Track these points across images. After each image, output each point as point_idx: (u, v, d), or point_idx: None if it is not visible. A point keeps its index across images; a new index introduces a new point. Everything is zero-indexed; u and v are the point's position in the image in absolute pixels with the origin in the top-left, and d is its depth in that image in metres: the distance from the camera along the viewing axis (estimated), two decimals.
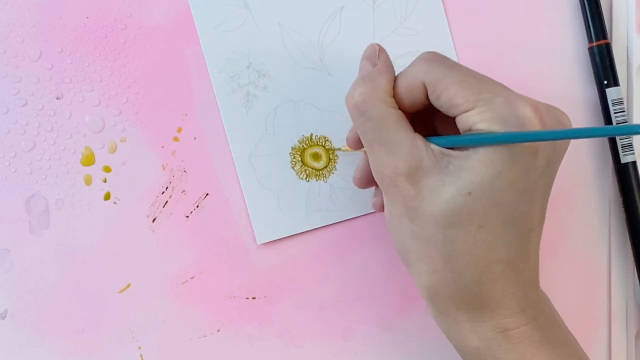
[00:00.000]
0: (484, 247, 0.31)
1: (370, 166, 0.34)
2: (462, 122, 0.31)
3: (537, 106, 0.30)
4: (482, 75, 0.33)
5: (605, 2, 0.43)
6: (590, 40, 0.42)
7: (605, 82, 0.42)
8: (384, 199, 0.34)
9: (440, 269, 0.32)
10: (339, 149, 0.41)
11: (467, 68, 0.33)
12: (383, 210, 0.36)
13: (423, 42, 0.42)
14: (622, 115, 0.41)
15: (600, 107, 0.42)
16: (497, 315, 0.32)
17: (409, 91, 0.33)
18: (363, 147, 0.36)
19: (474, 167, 0.30)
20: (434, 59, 0.33)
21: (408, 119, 0.33)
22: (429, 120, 0.36)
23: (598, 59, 0.42)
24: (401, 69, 0.42)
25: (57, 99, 0.40)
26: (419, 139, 0.32)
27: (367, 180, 0.37)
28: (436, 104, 0.32)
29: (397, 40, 0.42)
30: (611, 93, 0.42)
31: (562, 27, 0.43)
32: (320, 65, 0.41)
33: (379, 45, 0.35)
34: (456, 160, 0.31)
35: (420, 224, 0.32)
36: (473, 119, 0.31)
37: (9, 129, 0.39)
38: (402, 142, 0.32)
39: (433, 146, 0.32)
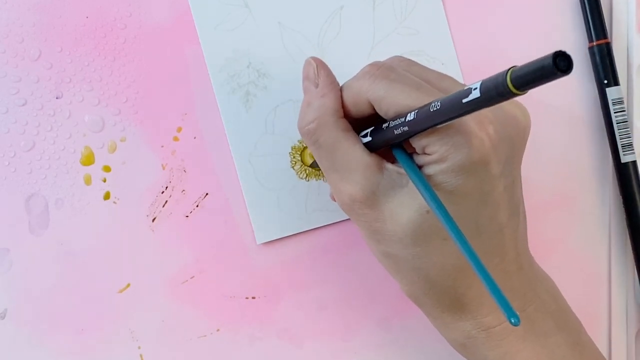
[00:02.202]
0: (452, 257, 0.31)
1: (332, 191, 0.34)
2: (414, 142, 0.31)
3: (481, 118, 0.30)
4: (431, 82, 0.32)
5: (605, 1, 0.43)
6: (590, 40, 0.42)
7: (606, 81, 0.42)
8: (353, 221, 0.34)
9: (415, 281, 0.33)
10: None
11: (413, 76, 0.32)
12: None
13: (423, 42, 0.42)
14: (622, 115, 0.41)
15: (600, 107, 0.42)
16: (478, 314, 0.33)
17: (356, 106, 0.33)
18: None
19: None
20: (377, 73, 0.32)
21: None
22: None
23: (598, 59, 0.42)
24: None
25: (56, 98, 0.39)
26: (374, 161, 0.32)
27: None
28: (387, 118, 0.32)
29: (397, 40, 0.42)
30: (611, 92, 0.42)
31: (562, 27, 0.43)
32: None
33: (315, 60, 0.35)
34: None
35: (387, 244, 0.32)
36: (423, 142, 0.30)
37: (8, 129, 0.39)
38: (356, 168, 0.32)
39: (389, 166, 0.32)
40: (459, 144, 0.29)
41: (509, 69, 0.24)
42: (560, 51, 0.22)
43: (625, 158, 0.42)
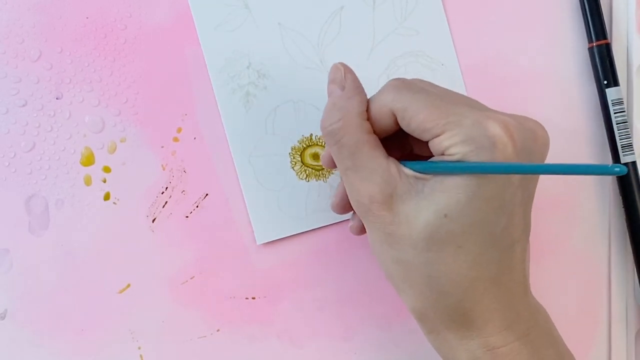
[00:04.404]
0: (465, 267, 0.31)
1: (347, 193, 0.34)
2: (434, 146, 0.31)
3: (507, 124, 0.30)
4: (452, 96, 0.33)
5: (605, 2, 0.43)
6: (590, 41, 0.42)
7: (605, 82, 0.42)
8: (365, 225, 0.34)
9: (424, 290, 0.32)
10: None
11: (437, 89, 0.33)
12: (360, 234, 0.37)
13: (423, 42, 0.42)
14: (622, 116, 0.41)
15: (600, 107, 0.42)
16: (484, 333, 0.32)
17: (379, 119, 0.33)
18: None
19: (449, 189, 0.30)
20: (401, 85, 0.33)
21: (382, 141, 0.33)
22: (404, 140, 0.36)
23: (598, 59, 0.42)
24: (401, 69, 0.42)
25: (56, 99, 0.40)
26: (392, 165, 0.32)
27: (345, 206, 0.37)
28: (407, 130, 0.32)
29: (397, 40, 0.42)
30: (611, 93, 0.42)
31: (562, 27, 0.43)
32: (320, 65, 0.41)
33: (343, 65, 0.35)
34: (430, 183, 0.31)
35: (399, 249, 0.32)
36: (444, 144, 0.30)
37: (8, 129, 0.39)
38: (376, 169, 0.32)
39: (407, 171, 0.32)
40: (483, 145, 0.29)
41: None
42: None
43: (625, 159, 0.42)
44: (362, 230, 0.37)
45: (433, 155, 0.32)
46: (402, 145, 0.36)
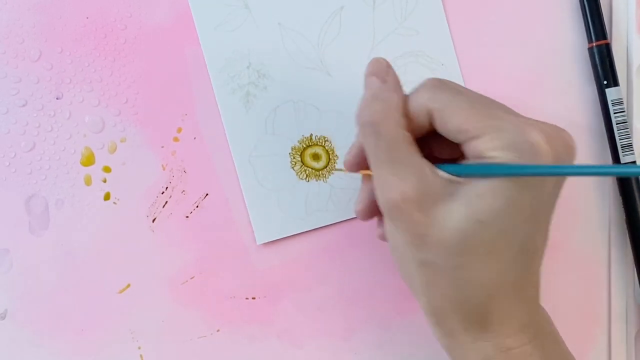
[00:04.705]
0: (493, 273, 0.31)
1: (376, 189, 0.33)
2: (471, 149, 0.31)
3: (546, 132, 0.30)
4: (488, 99, 0.32)
5: (605, 2, 0.43)
6: (590, 41, 0.42)
7: (605, 82, 0.42)
8: (388, 226, 0.33)
9: (447, 292, 0.32)
10: (340, 170, 0.41)
11: (473, 92, 0.32)
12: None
13: (423, 42, 0.42)
14: (622, 116, 0.41)
15: (600, 107, 0.42)
16: (499, 334, 0.32)
17: (415, 118, 0.32)
18: (359, 169, 0.36)
19: (485, 195, 0.30)
20: (439, 85, 0.32)
21: None
22: (424, 143, 0.35)
23: (598, 59, 0.42)
24: (401, 70, 0.42)
25: (57, 99, 0.40)
26: (426, 165, 0.32)
27: (372, 211, 0.36)
28: (442, 130, 0.32)
29: (397, 40, 0.42)
30: (611, 93, 0.42)
31: (562, 27, 0.43)
32: (320, 65, 0.41)
33: (386, 60, 0.35)
34: (464, 187, 0.30)
35: (427, 251, 0.31)
36: (483, 147, 0.30)
37: (8, 129, 0.39)
38: (412, 167, 0.31)
39: (441, 172, 0.32)
40: (526, 152, 0.29)
41: None
42: None
43: (625, 159, 0.42)
44: None
45: (455, 158, 0.32)
46: (422, 148, 0.35)
